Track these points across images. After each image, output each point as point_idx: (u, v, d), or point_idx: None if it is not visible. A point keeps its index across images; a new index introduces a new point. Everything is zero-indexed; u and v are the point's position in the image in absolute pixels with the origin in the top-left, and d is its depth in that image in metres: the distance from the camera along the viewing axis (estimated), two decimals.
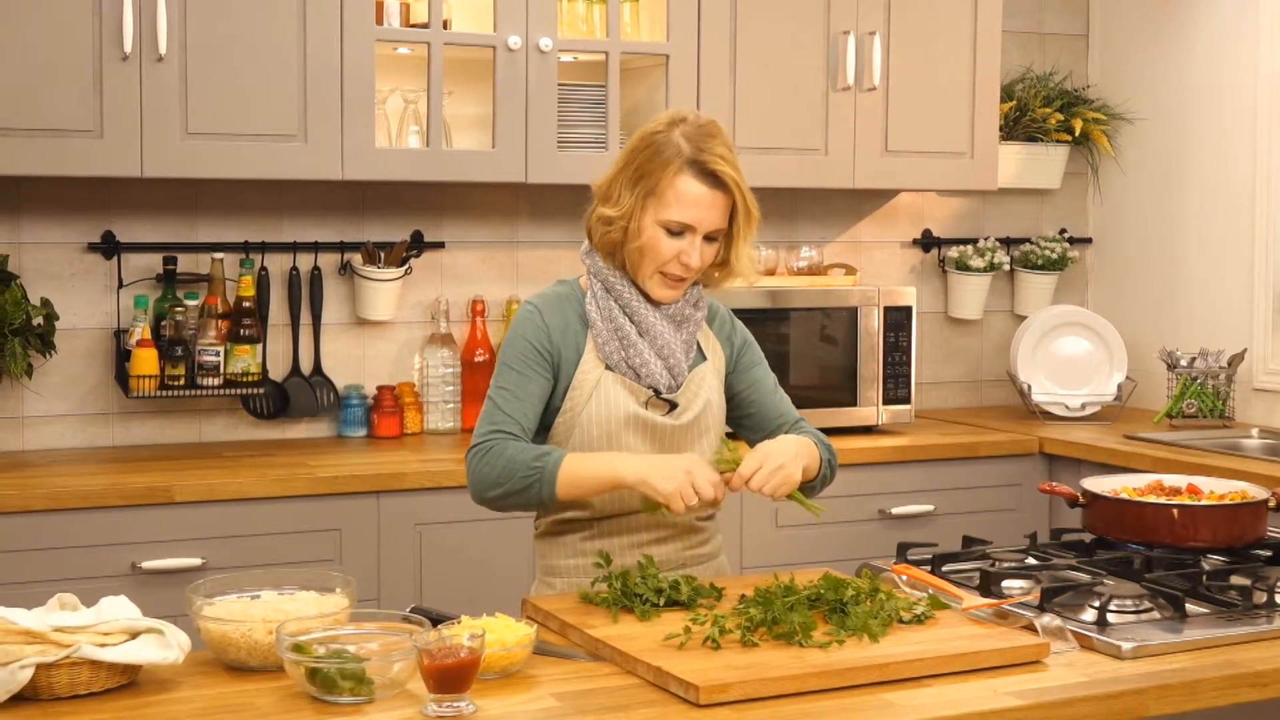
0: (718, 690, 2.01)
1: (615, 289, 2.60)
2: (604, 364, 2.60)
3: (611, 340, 2.59)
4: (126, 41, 3.65)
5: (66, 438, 4.07)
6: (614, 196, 2.58)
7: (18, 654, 1.99)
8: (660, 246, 2.54)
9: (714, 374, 2.69)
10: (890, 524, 4.28)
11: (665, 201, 2.53)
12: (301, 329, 4.26)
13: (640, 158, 2.56)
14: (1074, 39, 5.28)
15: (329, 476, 3.69)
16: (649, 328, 2.60)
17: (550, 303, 2.64)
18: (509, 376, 2.57)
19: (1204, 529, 2.69)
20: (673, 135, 2.54)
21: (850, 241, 4.95)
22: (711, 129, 2.56)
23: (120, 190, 4.08)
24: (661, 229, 2.54)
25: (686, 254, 2.54)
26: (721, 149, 2.54)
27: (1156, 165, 5.09)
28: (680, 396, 2.63)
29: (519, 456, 2.49)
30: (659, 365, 2.60)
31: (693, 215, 2.53)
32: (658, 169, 2.53)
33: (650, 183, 2.53)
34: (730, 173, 2.53)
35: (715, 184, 2.53)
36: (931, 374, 5.09)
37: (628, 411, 2.58)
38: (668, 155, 2.53)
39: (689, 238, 2.54)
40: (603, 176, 2.62)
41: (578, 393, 2.59)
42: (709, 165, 2.52)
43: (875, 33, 4.45)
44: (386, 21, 4.00)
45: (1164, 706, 2.12)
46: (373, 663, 2.02)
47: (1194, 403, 4.62)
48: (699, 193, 2.53)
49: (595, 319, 2.60)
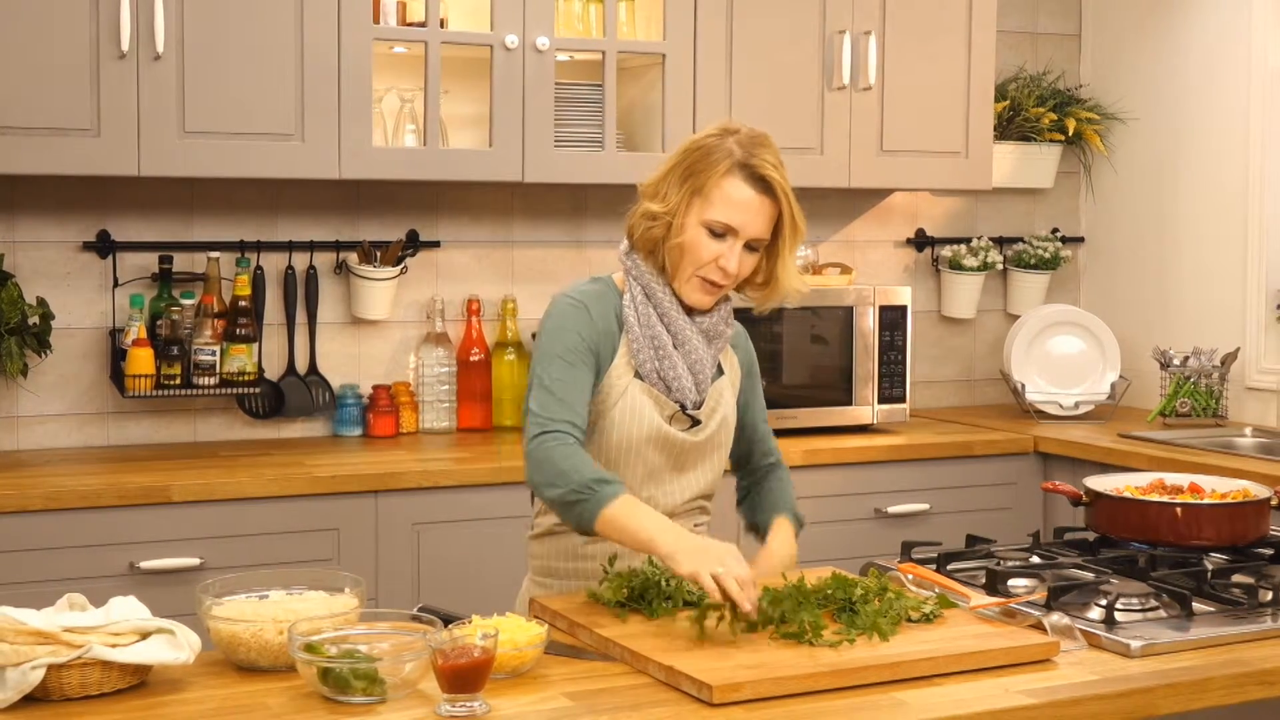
0: (731, 689, 2.01)
1: (655, 296, 2.58)
2: (634, 371, 2.58)
3: (646, 348, 2.57)
4: (124, 40, 3.64)
5: (61, 437, 4.05)
6: (661, 193, 2.57)
7: (29, 655, 1.98)
8: (700, 247, 2.53)
9: (730, 390, 2.69)
10: (886, 523, 4.29)
11: (711, 201, 2.52)
12: (297, 328, 4.25)
13: (691, 158, 2.55)
14: (1066, 39, 5.29)
15: (327, 476, 3.68)
16: (685, 340, 2.58)
17: (592, 299, 2.60)
18: (561, 369, 2.51)
19: (1207, 528, 2.70)
20: (725, 141, 2.54)
21: (844, 241, 4.95)
22: (764, 139, 2.56)
23: (115, 189, 4.06)
24: (704, 229, 2.52)
25: (726, 258, 2.52)
26: (772, 158, 2.54)
27: (1149, 165, 5.10)
28: (701, 413, 2.63)
29: (581, 470, 2.41)
30: (689, 380, 2.59)
31: (737, 218, 2.52)
32: (707, 169, 2.52)
33: (698, 181, 2.52)
34: (779, 180, 2.53)
35: (763, 189, 2.52)
36: (925, 373, 5.09)
37: (651, 423, 2.57)
38: (718, 157, 2.52)
39: (730, 241, 2.53)
40: (650, 177, 2.61)
41: (604, 397, 2.57)
42: (759, 170, 2.52)
43: (870, 32, 4.45)
44: (383, 20, 3.99)
45: (1173, 705, 2.13)
46: (385, 663, 2.01)
47: (1187, 402, 4.63)
48: (746, 196, 2.52)
49: (632, 324, 2.58)
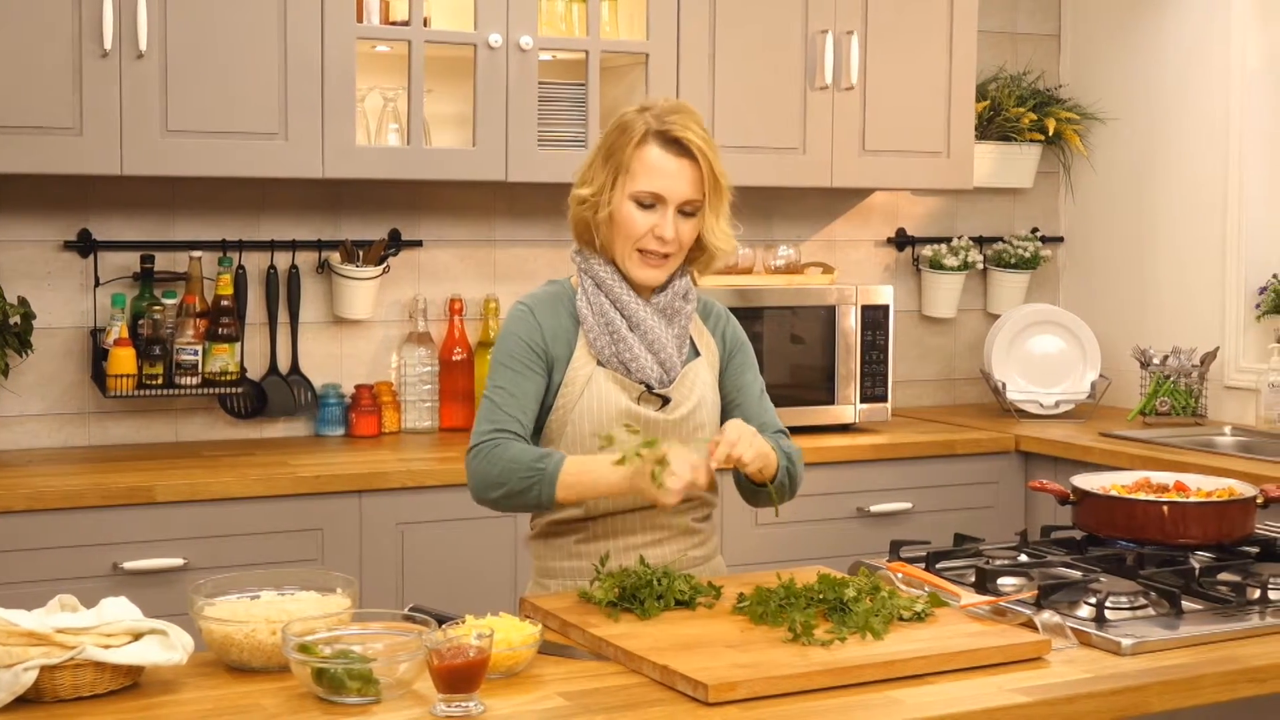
0: (726, 689, 2.01)
1: (605, 284, 2.61)
2: (595, 360, 2.60)
3: (602, 335, 2.60)
4: (106, 38, 3.62)
5: (42, 437, 4.03)
6: (589, 178, 2.61)
7: (22, 656, 1.97)
8: (633, 221, 2.56)
9: (708, 370, 2.69)
10: (869, 522, 4.30)
11: (633, 174, 2.55)
12: (279, 328, 4.24)
13: (610, 137, 2.60)
14: (1046, 39, 5.31)
15: (311, 476, 3.67)
16: (639, 322, 2.60)
17: (542, 302, 2.64)
18: (505, 375, 2.58)
19: (1194, 526, 2.71)
20: (642, 115, 2.58)
21: (825, 240, 4.96)
22: (680, 106, 2.59)
23: (97, 188, 4.04)
24: (633, 203, 2.55)
25: (660, 227, 2.55)
26: (687, 120, 2.56)
27: (1128, 164, 5.12)
28: (673, 391, 2.63)
29: (520, 457, 2.49)
30: (650, 359, 2.60)
31: (660, 184, 2.54)
32: (625, 144, 2.56)
33: (619, 157, 2.56)
34: (696, 141, 2.55)
35: (681, 152, 2.55)
36: (905, 372, 5.10)
37: (619, 407, 2.59)
38: (635, 129, 2.56)
39: (660, 210, 2.55)
40: (579, 166, 2.66)
41: (569, 390, 2.59)
42: (672, 133, 2.54)
43: (853, 32, 4.46)
44: (367, 19, 3.98)
45: (1166, 702, 2.14)
46: (380, 663, 2.01)
47: (1167, 401, 4.65)
48: (664, 161, 2.54)
49: (585, 314, 2.61)
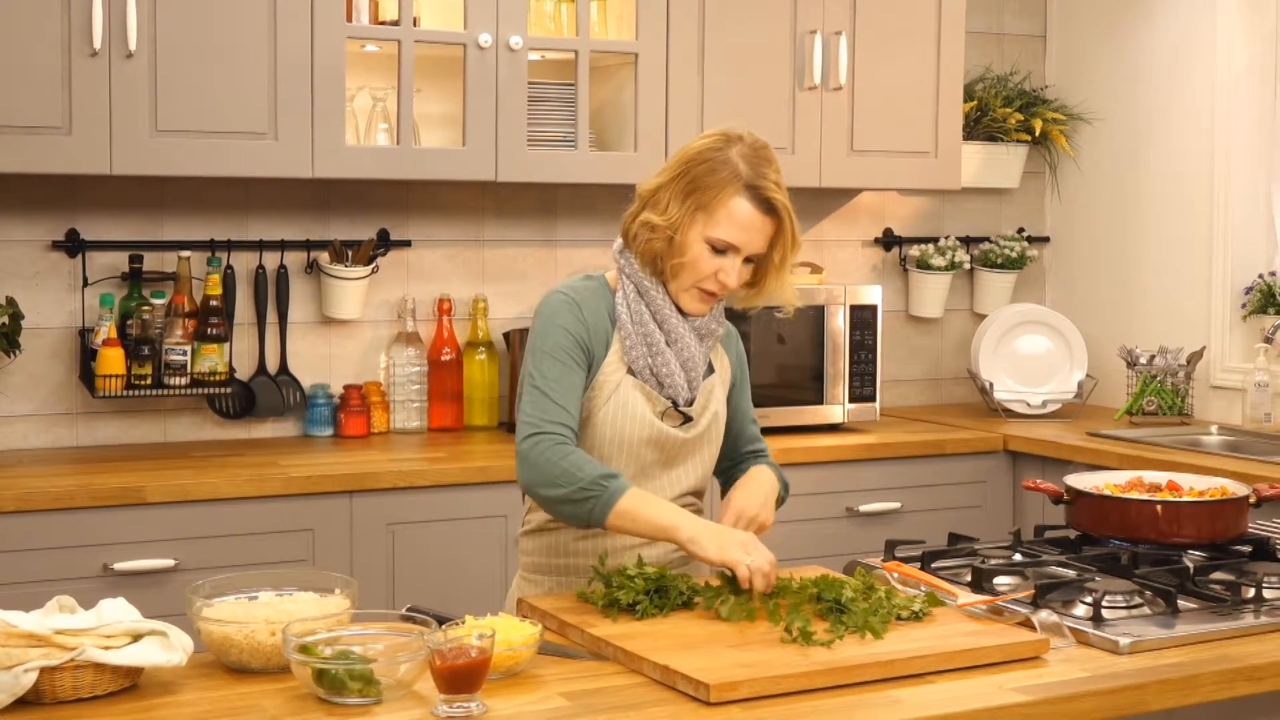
0: (728, 689, 2.01)
1: (649, 294, 2.58)
2: (626, 367, 2.58)
3: (639, 345, 2.58)
4: (96, 38, 3.61)
5: (30, 438, 4.01)
6: (662, 204, 2.55)
7: (21, 657, 1.96)
8: (702, 262, 2.53)
9: (721, 387, 2.70)
10: (858, 521, 4.30)
11: (716, 220, 2.52)
12: (268, 328, 4.23)
13: (695, 170, 2.54)
14: (1032, 40, 5.32)
15: (301, 476, 3.66)
16: (677, 338, 2.59)
17: (583, 296, 2.60)
18: (552, 367, 2.52)
19: (1188, 525, 2.72)
20: (729, 154, 2.53)
21: (812, 240, 4.97)
22: (768, 154, 2.56)
23: (85, 187, 4.03)
24: (707, 245, 2.53)
25: (725, 272, 2.54)
26: (776, 176, 2.54)
27: (1114, 165, 5.14)
28: (692, 409, 2.63)
29: (584, 467, 2.44)
30: (682, 377, 2.60)
31: (740, 237, 2.52)
32: (713, 186, 2.51)
33: (703, 198, 2.52)
34: (784, 202, 2.54)
35: (767, 210, 2.53)
36: (892, 372, 5.11)
37: (644, 420, 2.57)
38: (724, 175, 2.52)
39: (730, 257, 2.54)
40: (650, 181, 2.60)
41: (597, 393, 2.57)
42: (765, 192, 2.52)
43: (841, 33, 4.47)
44: (356, 19, 3.97)
45: (1164, 701, 2.15)
46: (380, 663, 2.01)
47: (1154, 400, 4.67)
48: (751, 217, 2.52)
49: (625, 320, 2.58)
